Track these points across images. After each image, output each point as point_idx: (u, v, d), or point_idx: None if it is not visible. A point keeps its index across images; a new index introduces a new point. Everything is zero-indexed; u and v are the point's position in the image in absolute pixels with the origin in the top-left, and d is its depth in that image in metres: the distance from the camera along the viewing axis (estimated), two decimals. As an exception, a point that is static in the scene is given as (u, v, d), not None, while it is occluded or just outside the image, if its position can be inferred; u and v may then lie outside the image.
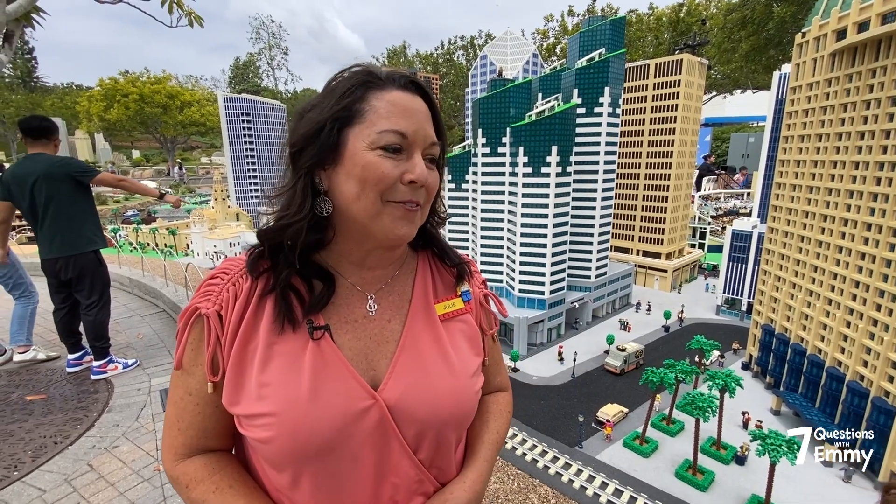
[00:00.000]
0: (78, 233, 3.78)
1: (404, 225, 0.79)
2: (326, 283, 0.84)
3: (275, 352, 0.78)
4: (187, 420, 0.83)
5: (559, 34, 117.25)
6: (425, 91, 0.82)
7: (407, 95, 0.78)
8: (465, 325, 0.95)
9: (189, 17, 3.88)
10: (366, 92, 0.76)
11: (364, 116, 0.75)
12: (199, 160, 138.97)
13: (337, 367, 0.78)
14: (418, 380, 0.83)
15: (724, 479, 23.72)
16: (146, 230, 69.54)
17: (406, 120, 0.76)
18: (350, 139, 0.75)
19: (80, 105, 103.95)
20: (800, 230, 32.00)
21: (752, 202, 79.45)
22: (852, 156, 27.49)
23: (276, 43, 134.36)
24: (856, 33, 27.14)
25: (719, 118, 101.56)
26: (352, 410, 0.77)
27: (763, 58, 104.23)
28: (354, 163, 0.75)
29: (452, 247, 1.02)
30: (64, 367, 4.28)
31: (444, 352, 0.87)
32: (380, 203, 0.76)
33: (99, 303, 3.97)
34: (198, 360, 0.81)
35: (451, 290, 0.97)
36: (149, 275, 7.71)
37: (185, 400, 0.82)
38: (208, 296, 0.80)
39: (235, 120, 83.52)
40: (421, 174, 0.77)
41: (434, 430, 0.84)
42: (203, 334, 0.80)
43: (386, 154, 0.75)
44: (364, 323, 0.86)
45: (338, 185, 0.78)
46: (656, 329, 43.80)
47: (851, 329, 27.12)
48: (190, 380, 0.82)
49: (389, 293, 0.90)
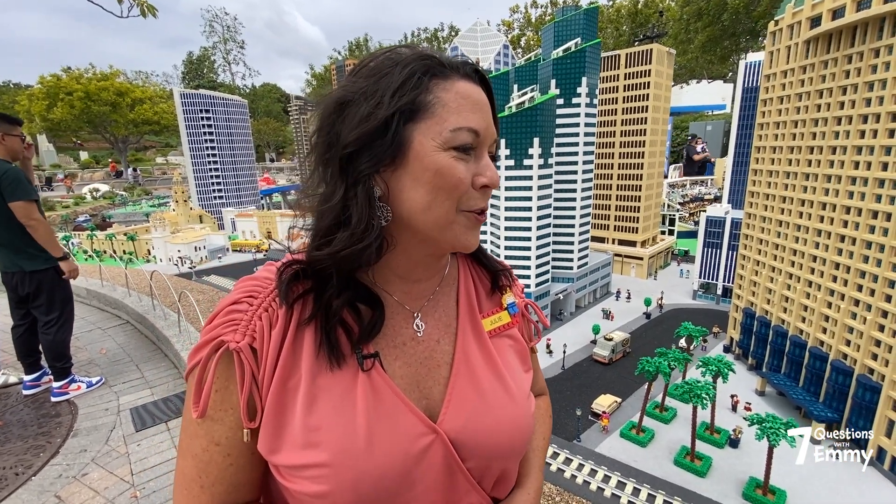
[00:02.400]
0: (30, 249, 3.54)
1: (473, 234, 0.71)
2: (375, 307, 0.72)
3: (320, 388, 0.67)
4: (214, 474, 0.69)
5: (523, 25, 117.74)
6: (488, 82, 0.73)
7: (473, 87, 0.69)
8: (513, 340, 0.87)
9: (141, 6, 3.57)
10: (430, 81, 0.66)
11: (432, 110, 0.65)
12: (154, 160, 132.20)
13: (392, 400, 0.69)
14: (478, 406, 0.74)
15: (720, 464, 24.09)
16: (102, 236, 65.18)
17: (477, 115, 0.68)
18: (416, 137, 0.65)
19: (19, 104, 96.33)
20: (777, 215, 32.85)
21: (716, 188, 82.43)
22: (829, 141, 28.25)
23: (232, 36, 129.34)
24: (831, 20, 27.78)
25: (678, 107, 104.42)
26: (414, 450, 0.68)
27: (718, 48, 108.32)
28: (424, 166, 0.65)
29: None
30: (19, 391, 3.93)
31: (498, 373, 0.79)
32: (454, 213, 0.68)
33: (58, 321, 3.69)
34: (226, 404, 0.68)
35: (495, 303, 0.88)
36: (108, 284, 7.03)
37: (210, 451, 0.69)
38: (234, 325, 0.68)
39: (194, 117, 79.44)
40: (494, 177, 0.69)
41: (498, 461, 0.76)
42: (230, 372, 0.67)
43: (459, 155, 0.66)
44: (413, 346, 0.77)
45: (401, 190, 0.67)
46: (638, 316, 44.42)
47: (833, 310, 28.01)
48: (217, 427, 0.68)
49: (435, 309, 0.81)
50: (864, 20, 25.85)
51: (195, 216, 73.93)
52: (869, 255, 25.98)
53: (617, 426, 27.05)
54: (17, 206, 3.35)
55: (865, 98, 26.02)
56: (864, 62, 25.93)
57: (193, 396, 0.67)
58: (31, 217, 3.41)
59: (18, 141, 3.43)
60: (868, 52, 25.85)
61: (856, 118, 26.54)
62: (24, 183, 3.38)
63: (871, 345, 25.44)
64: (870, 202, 25.94)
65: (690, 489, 22.27)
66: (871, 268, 25.76)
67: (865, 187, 26.14)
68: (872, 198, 25.85)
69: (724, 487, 22.63)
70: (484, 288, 0.89)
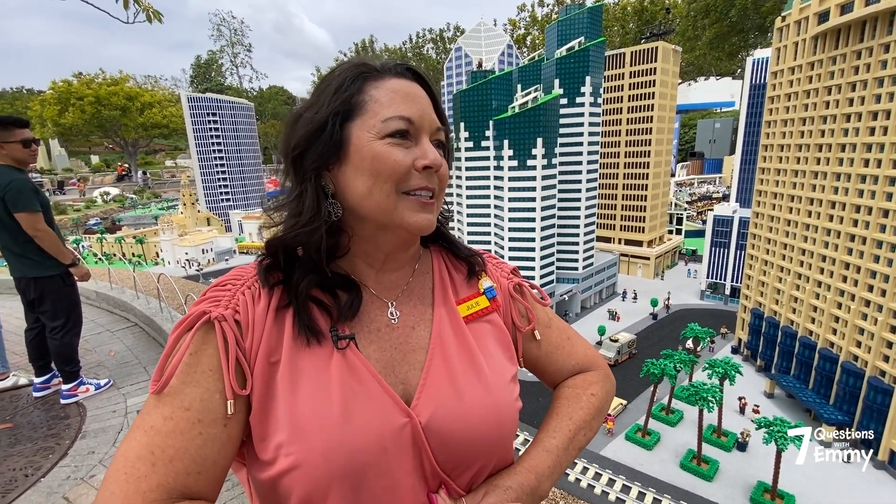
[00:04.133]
0: (34, 256, 3.55)
1: (421, 215, 0.74)
2: (351, 291, 0.77)
3: (300, 366, 0.69)
4: (174, 447, 0.61)
5: (529, 24, 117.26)
6: (423, 78, 0.78)
7: (406, 82, 0.75)
8: (493, 326, 0.86)
9: (147, 12, 3.52)
10: (363, 83, 0.73)
11: (365, 107, 0.72)
12: (164, 163, 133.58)
13: (369, 380, 0.71)
14: (448, 392, 0.75)
15: (728, 467, 23.74)
16: (111, 239, 65.93)
17: (409, 105, 0.73)
18: (354, 133, 0.71)
19: (32, 110, 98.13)
20: (786, 214, 32.32)
21: (724, 186, 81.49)
22: (838, 138, 27.72)
23: (239, 40, 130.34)
24: (839, 15, 27.26)
25: (685, 105, 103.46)
26: (387, 430, 0.69)
27: (726, 45, 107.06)
28: (362, 156, 0.71)
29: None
30: (29, 393, 3.99)
31: (473, 359, 0.79)
32: (395, 195, 0.72)
33: (64, 326, 3.71)
34: (201, 366, 0.65)
35: (472, 288, 0.89)
36: (117, 287, 7.15)
37: (174, 419, 0.62)
38: (217, 301, 0.69)
39: (201, 120, 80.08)
40: (435, 158, 0.73)
41: (468, 450, 0.75)
42: (209, 338, 0.66)
43: (395, 141, 0.71)
44: (388, 332, 0.79)
45: (346, 183, 0.73)
46: (644, 317, 44.01)
47: (843, 310, 27.47)
48: (188, 391, 0.63)
49: (409, 298, 0.83)
50: (873, 15, 25.34)
51: (203, 218, 74.57)
52: (880, 254, 25.45)
53: (622, 429, 26.76)
54: (22, 217, 3.39)
55: (875, 94, 25.50)
56: (874, 58, 25.42)
57: (156, 372, 0.65)
58: (36, 228, 3.47)
59: (19, 147, 3.37)
60: (878, 47, 25.33)
61: (865, 115, 26.02)
62: (28, 193, 3.38)
63: (883, 346, 24.90)
64: (880, 200, 25.41)
65: (697, 493, 22.00)
66: (882, 267, 25.23)
67: (876, 185, 25.62)
68: (883, 196, 25.33)
69: (732, 492, 22.29)
70: (460, 275, 0.90)
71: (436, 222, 0.78)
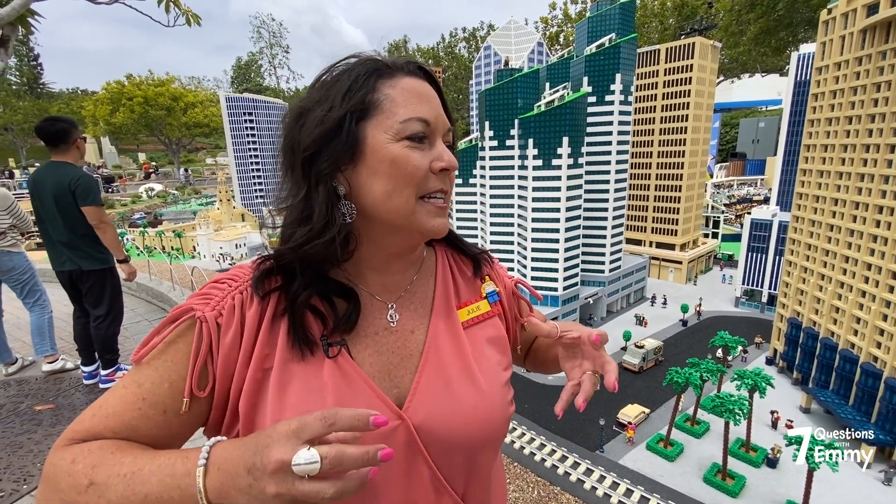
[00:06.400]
0: (88, 249, 3.78)
1: (438, 220, 0.75)
2: (350, 300, 0.77)
3: (292, 374, 0.71)
4: (112, 409, 0.66)
5: (562, 22, 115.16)
6: (433, 76, 0.78)
7: (418, 81, 0.75)
8: (492, 329, 0.88)
9: (186, 15, 3.84)
10: (377, 81, 0.72)
11: (381, 107, 0.71)
12: (205, 161, 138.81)
13: (360, 386, 0.72)
14: (442, 396, 0.76)
15: (755, 484, 22.63)
16: (152, 233, 69.11)
17: (425, 106, 0.73)
18: (369, 133, 0.71)
19: (86, 110, 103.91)
20: (828, 218, 30.44)
21: (766, 189, 77.65)
22: (887, 138, 25.89)
23: (277, 41, 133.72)
24: (890, 6, 25.44)
25: (727, 103, 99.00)
26: (378, 432, 0.69)
27: (773, 40, 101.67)
28: (380, 158, 0.70)
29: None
30: (73, 376, 4.31)
31: (467, 365, 0.80)
32: (414, 200, 0.72)
33: (108, 316, 3.93)
34: (167, 355, 0.68)
35: (475, 290, 0.90)
36: (155, 279, 7.67)
37: (127, 388, 0.67)
38: (208, 299, 0.71)
39: (238, 120, 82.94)
40: (451, 160, 0.74)
41: (462, 452, 0.77)
42: (186, 333, 0.69)
43: (412, 144, 0.71)
44: (385, 336, 0.80)
45: (361, 185, 0.72)
46: (674, 323, 42.41)
47: (889, 323, 25.66)
48: (146, 371, 0.68)
49: (410, 300, 0.84)
50: (928, 6, 23.53)
51: (238, 215, 77.01)
52: (931, 264, 23.62)
53: (643, 438, 25.93)
54: (89, 210, 3.65)
55: (929, 91, 23.68)
56: (928, 52, 23.61)
57: (138, 346, 0.69)
58: (101, 220, 3.73)
59: (84, 145, 3.76)
60: (932, 41, 23.52)
61: (917, 113, 24.20)
62: (95, 188, 3.72)
63: (933, 363, 23.11)
64: (932, 205, 23.59)
65: (720, 509, 21.11)
66: (932, 278, 23.42)
67: (928, 189, 23.79)
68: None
69: (758, 509, 21.28)
70: (464, 276, 0.91)
71: (448, 224, 0.78)
